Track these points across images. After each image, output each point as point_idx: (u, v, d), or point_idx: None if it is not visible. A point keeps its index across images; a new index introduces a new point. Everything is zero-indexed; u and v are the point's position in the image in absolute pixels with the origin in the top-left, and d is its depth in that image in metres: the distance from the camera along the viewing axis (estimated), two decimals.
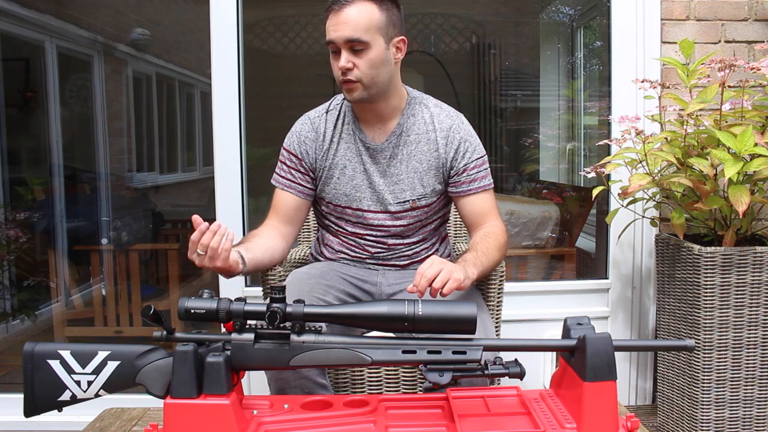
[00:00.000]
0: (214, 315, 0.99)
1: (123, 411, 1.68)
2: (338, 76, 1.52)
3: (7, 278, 3.38)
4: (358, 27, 1.47)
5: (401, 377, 1.65)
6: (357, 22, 1.47)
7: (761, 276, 1.87)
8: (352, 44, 1.48)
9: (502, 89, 4.61)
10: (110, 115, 4.62)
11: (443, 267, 1.30)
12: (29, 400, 1.02)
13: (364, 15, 1.48)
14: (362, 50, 1.49)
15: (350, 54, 1.49)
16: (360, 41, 1.47)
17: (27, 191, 3.61)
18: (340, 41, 1.48)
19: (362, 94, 1.53)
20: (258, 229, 1.63)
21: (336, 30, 1.48)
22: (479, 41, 4.58)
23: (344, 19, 1.47)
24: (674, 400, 2.05)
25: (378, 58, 1.51)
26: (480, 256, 1.46)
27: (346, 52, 1.49)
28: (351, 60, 1.49)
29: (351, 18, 1.47)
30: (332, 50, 1.52)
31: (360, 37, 1.47)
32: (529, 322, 2.34)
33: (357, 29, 1.47)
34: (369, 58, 1.50)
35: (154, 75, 5.53)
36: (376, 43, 1.50)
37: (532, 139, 4.20)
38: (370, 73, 1.51)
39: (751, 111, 1.88)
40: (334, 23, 1.49)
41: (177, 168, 6.12)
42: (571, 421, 0.99)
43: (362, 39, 1.47)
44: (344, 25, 1.47)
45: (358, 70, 1.50)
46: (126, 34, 4.87)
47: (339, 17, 1.47)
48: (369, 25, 1.48)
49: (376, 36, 1.49)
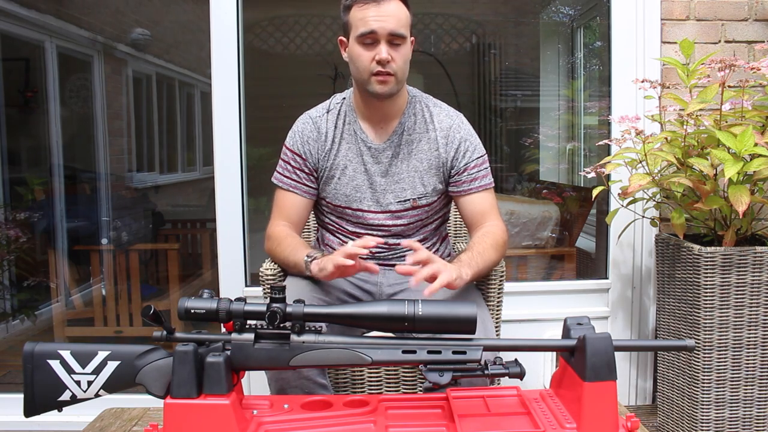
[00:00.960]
0: (214, 315, 0.99)
1: (123, 411, 1.68)
2: (370, 69, 1.53)
3: (7, 278, 3.38)
4: (401, 22, 1.52)
5: (401, 377, 1.65)
6: (399, 16, 1.52)
7: (761, 276, 1.87)
8: (393, 38, 1.52)
9: (502, 89, 4.61)
10: (110, 115, 4.62)
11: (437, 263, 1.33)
12: (29, 400, 1.02)
13: (403, 11, 1.54)
14: (400, 45, 1.53)
15: (389, 47, 1.52)
16: (401, 35, 1.53)
17: (27, 191, 3.61)
18: (384, 33, 1.50)
19: (393, 88, 1.56)
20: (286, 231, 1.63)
21: (380, 21, 1.50)
22: (479, 41, 4.58)
23: (388, 12, 1.50)
24: (674, 400, 2.05)
25: (408, 55, 1.57)
26: (475, 256, 1.47)
27: (385, 45, 1.51)
28: (390, 53, 1.52)
29: (393, 12, 1.51)
30: (366, 42, 1.52)
31: (401, 31, 1.52)
32: (529, 322, 2.34)
33: (400, 23, 1.52)
34: (404, 53, 1.55)
35: (154, 75, 5.52)
36: (408, 40, 1.56)
37: (532, 139, 4.20)
38: (403, 68, 1.56)
39: (751, 111, 1.88)
40: (376, 14, 1.50)
41: (177, 168, 6.12)
42: (571, 421, 0.99)
43: (403, 33, 1.53)
44: (388, 17, 1.50)
45: (394, 64, 1.53)
46: (126, 34, 4.87)
47: (381, 9, 1.50)
48: (407, 21, 1.55)
49: (408, 33, 1.56)
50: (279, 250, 1.60)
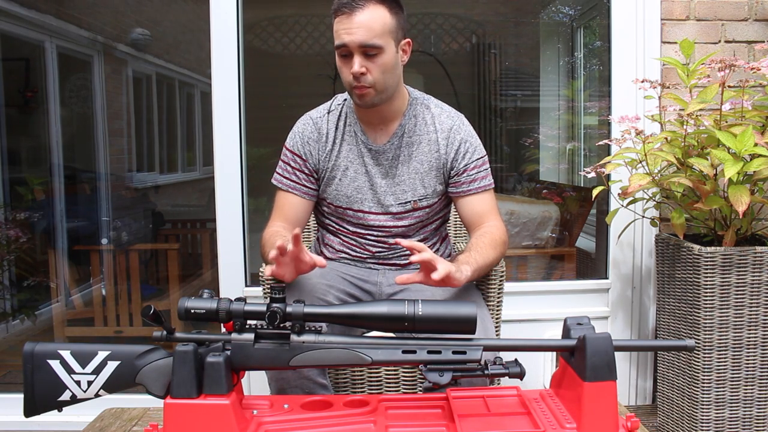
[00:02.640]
0: (214, 315, 0.99)
1: (123, 411, 1.68)
2: (349, 81, 1.49)
3: (7, 278, 3.38)
4: (373, 32, 1.44)
5: (401, 377, 1.65)
6: (371, 26, 1.43)
7: (761, 276, 1.87)
8: (366, 49, 1.45)
9: (502, 89, 4.61)
10: (110, 115, 4.63)
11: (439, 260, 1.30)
12: (29, 400, 1.02)
13: (378, 19, 1.44)
14: (375, 55, 1.46)
15: (363, 59, 1.46)
16: (374, 46, 1.44)
17: (27, 191, 3.61)
18: (354, 46, 1.44)
19: (374, 99, 1.51)
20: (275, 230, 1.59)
21: (349, 34, 1.44)
22: (479, 41, 4.58)
23: (358, 23, 1.43)
24: (674, 400, 2.05)
25: (390, 63, 1.49)
26: (474, 255, 1.46)
27: (359, 57, 1.45)
28: (364, 65, 1.46)
29: (364, 22, 1.43)
30: (342, 54, 1.48)
31: (375, 42, 1.44)
32: (529, 322, 2.34)
33: (371, 34, 1.43)
34: (382, 63, 1.47)
35: (154, 75, 5.53)
36: (388, 48, 1.47)
37: (532, 139, 4.21)
38: (383, 78, 1.49)
39: (751, 111, 1.88)
40: (346, 26, 1.44)
41: (177, 168, 6.12)
42: (571, 421, 0.99)
43: (377, 44, 1.44)
44: (358, 29, 1.43)
45: (370, 75, 1.47)
46: (126, 34, 4.87)
47: (352, 21, 1.43)
48: (383, 30, 1.45)
49: (389, 40, 1.47)
50: (264, 252, 1.56)
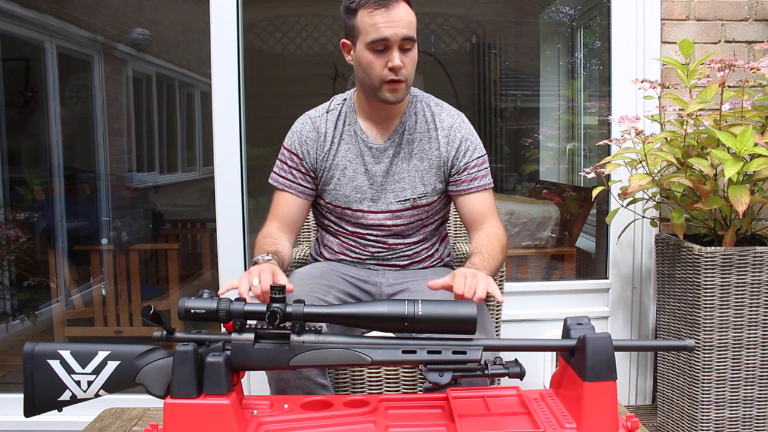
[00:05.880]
0: (214, 315, 0.99)
1: (123, 411, 1.68)
2: (383, 76, 1.49)
3: (7, 278, 3.38)
4: (411, 25, 1.47)
5: (401, 377, 1.65)
6: (410, 20, 1.47)
7: (761, 276, 1.87)
8: (404, 42, 1.47)
9: (502, 89, 4.62)
10: (110, 115, 4.63)
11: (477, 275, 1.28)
12: (29, 400, 1.02)
13: (411, 14, 1.49)
14: (409, 49, 1.49)
15: (400, 53, 1.48)
16: (412, 39, 1.48)
17: (27, 191, 3.61)
18: (397, 39, 1.46)
19: (403, 95, 1.53)
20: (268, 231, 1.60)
21: (391, 27, 1.45)
22: (479, 41, 4.59)
23: (399, 17, 1.45)
24: (674, 400, 2.06)
25: (416, 58, 1.53)
26: (487, 258, 1.46)
27: (397, 51, 1.47)
28: (401, 59, 1.48)
29: (404, 16, 1.46)
30: (377, 48, 1.48)
31: (413, 35, 1.48)
32: (529, 322, 2.34)
33: (411, 28, 1.47)
34: (413, 57, 1.51)
35: (154, 75, 5.53)
36: (416, 43, 1.52)
37: (532, 139, 4.21)
38: (412, 72, 1.53)
39: (751, 111, 1.88)
40: (387, 20, 1.45)
41: (177, 168, 6.12)
42: (571, 421, 0.99)
43: (414, 38, 1.48)
44: (399, 22, 1.45)
45: (405, 70, 1.49)
46: (126, 34, 4.87)
47: (392, 15, 1.45)
48: (415, 24, 1.50)
49: (416, 35, 1.51)
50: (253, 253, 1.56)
